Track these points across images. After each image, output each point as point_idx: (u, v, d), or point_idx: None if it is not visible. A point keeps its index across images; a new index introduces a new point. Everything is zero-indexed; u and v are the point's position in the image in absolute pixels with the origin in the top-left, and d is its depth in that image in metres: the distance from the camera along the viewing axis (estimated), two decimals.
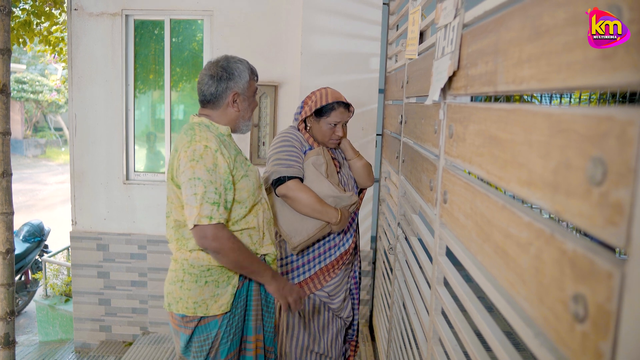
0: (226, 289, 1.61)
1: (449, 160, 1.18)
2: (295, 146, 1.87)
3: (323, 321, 1.99)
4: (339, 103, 1.85)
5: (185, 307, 1.61)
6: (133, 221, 3.49)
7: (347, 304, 2.05)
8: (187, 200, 1.48)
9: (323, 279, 1.95)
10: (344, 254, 1.96)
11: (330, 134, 1.86)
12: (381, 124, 3.03)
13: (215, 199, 1.47)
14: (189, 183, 1.47)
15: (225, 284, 1.61)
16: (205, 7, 3.26)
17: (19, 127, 16.81)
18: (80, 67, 3.38)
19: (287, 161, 1.83)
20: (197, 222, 1.45)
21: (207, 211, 1.45)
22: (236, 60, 1.64)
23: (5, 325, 2.47)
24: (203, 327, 1.62)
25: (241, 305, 1.67)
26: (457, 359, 1.11)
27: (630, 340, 0.47)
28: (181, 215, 1.58)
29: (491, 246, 0.84)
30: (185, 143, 1.53)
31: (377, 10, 2.90)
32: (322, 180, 1.84)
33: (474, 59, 0.99)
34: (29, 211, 9.69)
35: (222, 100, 1.64)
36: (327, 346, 2.00)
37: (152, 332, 3.58)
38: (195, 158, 1.48)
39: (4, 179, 2.40)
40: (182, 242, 1.62)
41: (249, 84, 1.65)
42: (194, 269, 1.60)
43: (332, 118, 1.85)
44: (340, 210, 1.83)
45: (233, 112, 1.65)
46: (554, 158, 0.62)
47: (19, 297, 5.24)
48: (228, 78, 1.61)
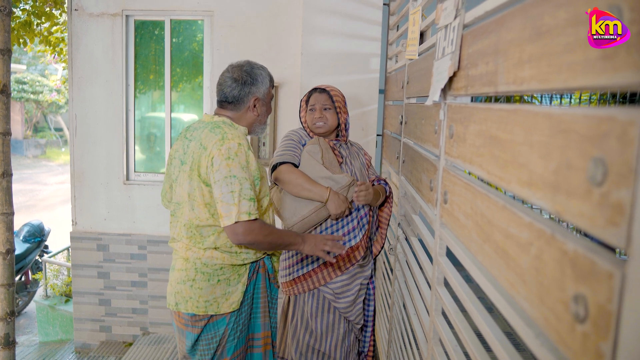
0: (237, 287, 1.64)
1: (450, 161, 1.18)
2: (292, 139, 1.99)
3: (327, 321, 1.97)
4: (315, 89, 2.01)
5: (195, 306, 1.62)
6: (133, 221, 3.49)
7: (357, 309, 2.01)
8: (223, 197, 1.50)
9: (327, 275, 1.93)
10: (352, 250, 1.94)
11: (312, 117, 1.98)
12: (381, 125, 3.03)
13: (251, 195, 1.52)
14: (225, 181, 1.50)
15: (236, 282, 1.64)
16: (205, 7, 3.26)
17: (19, 127, 16.82)
18: (81, 68, 3.38)
19: (282, 151, 1.95)
20: (238, 219, 1.49)
21: (245, 207, 1.50)
22: (259, 67, 1.72)
23: (5, 325, 2.47)
24: (211, 325, 1.64)
25: (248, 303, 1.69)
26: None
27: (630, 340, 0.47)
28: (204, 213, 1.59)
29: (491, 246, 0.84)
30: (216, 141, 1.55)
31: (378, 10, 2.90)
32: (315, 164, 1.89)
33: (475, 60, 0.99)
34: (29, 211, 9.69)
35: (244, 103, 1.69)
36: (331, 347, 1.97)
37: (153, 332, 3.58)
38: (230, 156, 1.51)
39: (4, 179, 2.40)
40: (196, 240, 1.63)
41: (268, 91, 1.73)
42: (207, 268, 1.62)
43: (310, 102, 2.01)
44: (331, 190, 1.85)
45: (252, 115, 1.71)
46: (554, 158, 0.62)
47: (19, 297, 5.24)
48: (251, 83, 1.67)
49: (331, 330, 1.97)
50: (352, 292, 1.97)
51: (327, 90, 1.99)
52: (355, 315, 1.99)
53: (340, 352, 1.98)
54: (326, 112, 1.96)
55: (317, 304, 1.96)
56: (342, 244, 1.86)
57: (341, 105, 1.99)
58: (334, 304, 1.95)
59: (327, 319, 1.96)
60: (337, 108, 1.97)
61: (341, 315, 1.98)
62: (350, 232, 1.94)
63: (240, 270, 1.65)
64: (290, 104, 3.28)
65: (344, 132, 2.03)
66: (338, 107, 1.97)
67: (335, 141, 2.01)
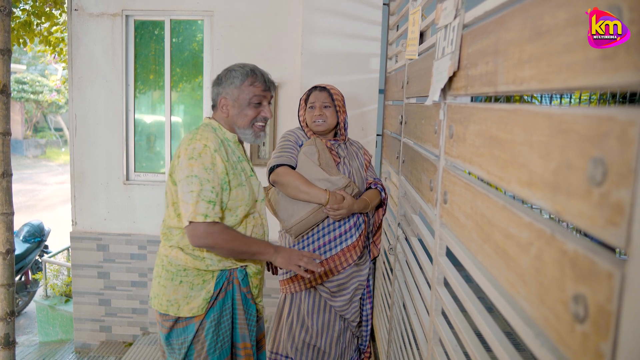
0: (199, 293, 1.60)
1: (449, 161, 1.18)
2: (290, 140, 1.99)
3: (324, 320, 1.98)
4: (315, 87, 2.01)
5: (159, 304, 1.62)
6: (133, 221, 3.49)
7: (353, 308, 2.02)
8: (184, 197, 1.49)
9: (324, 274, 1.94)
10: (348, 249, 1.95)
11: (311, 115, 1.98)
12: (381, 124, 3.03)
13: (211, 198, 1.49)
14: (186, 180, 1.49)
15: (199, 287, 1.60)
16: (205, 7, 3.26)
17: (19, 127, 16.82)
18: (81, 68, 3.38)
19: (279, 153, 1.95)
20: (192, 219, 1.47)
21: (202, 209, 1.47)
22: (236, 67, 1.66)
23: (5, 325, 2.47)
24: (180, 330, 1.62)
25: (228, 313, 1.66)
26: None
27: (630, 340, 0.47)
28: (172, 212, 1.60)
29: (491, 246, 0.84)
30: (186, 141, 1.56)
31: (377, 10, 2.90)
32: (312, 166, 1.90)
33: (474, 60, 0.99)
34: (29, 211, 9.69)
35: (216, 104, 1.69)
36: (326, 344, 1.99)
37: (153, 332, 3.58)
38: (194, 156, 1.50)
39: (4, 180, 2.40)
40: (166, 237, 1.64)
41: (239, 90, 1.63)
42: (171, 267, 1.61)
43: (309, 100, 2.00)
44: (329, 192, 1.85)
45: (222, 116, 1.67)
46: (554, 158, 0.62)
47: (19, 297, 5.24)
48: (218, 83, 1.67)
49: (327, 328, 1.98)
50: (348, 291, 1.98)
51: (327, 89, 1.99)
52: (351, 313, 2.01)
53: (336, 349, 2.00)
54: (326, 110, 1.97)
55: (314, 302, 1.97)
56: (318, 262, 1.78)
57: (341, 104, 2.00)
58: (330, 302, 1.96)
59: (324, 317, 1.98)
60: (336, 107, 1.97)
61: (337, 314, 1.99)
62: (346, 232, 1.95)
63: (205, 277, 1.61)
64: (290, 104, 3.28)
65: (343, 131, 2.03)
66: (338, 105, 1.98)
67: (334, 141, 2.01)
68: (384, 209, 2.10)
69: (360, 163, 2.08)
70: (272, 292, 3.38)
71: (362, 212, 1.98)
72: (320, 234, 1.94)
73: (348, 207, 1.88)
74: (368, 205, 1.96)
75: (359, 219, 1.98)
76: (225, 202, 1.56)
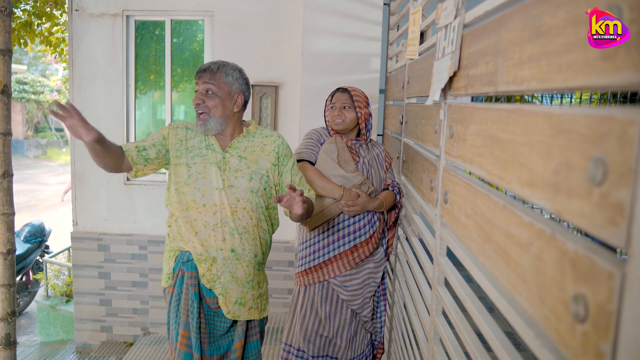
0: (165, 268, 1.76)
1: (450, 161, 1.18)
2: (312, 138, 2.09)
3: (331, 306, 2.03)
4: (338, 89, 2.10)
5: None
6: (134, 222, 3.49)
7: (363, 301, 2.05)
8: None
9: (337, 268, 1.99)
10: (362, 244, 1.98)
11: (332, 114, 2.06)
12: (382, 124, 3.03)
13: (137, 143, 1.73)
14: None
15: (166, 263, 1.76)
16: (205, 7, 3.26)
17: (20, 127, 16.83)
18: (81, 68, 3.39)
19: (300, 149, 2.06)
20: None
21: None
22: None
23: (6, 325, 2.47)
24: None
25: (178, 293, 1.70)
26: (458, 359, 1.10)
27: (630, 340, 0.47)
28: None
29: (492, 246, 0.84)
30: None
31: (378, 10, 2.90)
32: (330, 162, 1.98)
33: (475, 59, 0.99)
34: (30, 212, 9.70)
35: None
36: (334, 331, 2.03)
37: (153, 332, 3.58)
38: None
39: (5, 180, 2.40)
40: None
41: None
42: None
43: (332, 101, 2.09)
44: (344, 188, 1.93)
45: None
46: (554, 158, 0.62)
47: (20, 297, 5.24)
48: None
49: (334, 313, 2.03)
50: (356, 282, 2.01)
51: (349, 90, 2.08)
52: (359, 306, 2.04)
53: (343, 337, 2.03)
54: (345, 111, 2.05)
55: (327, 292, 2.04)
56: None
57: (362, 105, 2.05)
58: (340, 293, 2.01)
59: (332, 304, 2.03)
60: (356, 107, 2.04)
61: (345, 303, 2.03)
62: (361, 228, 2.00)
63: (169, 254, 1.74)
64: (291, 104, 3.28)
65: (364, 131, 2.07)
66: (358, 106, 2.05)
67: (355, 141, 2.07)
68: (397, 212, 2.12)
69: (380, 164, 2.13)
70: (272, 292, 3.38)
71: (377, 211, 2.01)
72: (335, 229, 2.01)
73: (362, 204, 1.96)
74: (382, 205, 2.03)
75: (374, 217, 2.04)
76: (147, 149, 1.71)
